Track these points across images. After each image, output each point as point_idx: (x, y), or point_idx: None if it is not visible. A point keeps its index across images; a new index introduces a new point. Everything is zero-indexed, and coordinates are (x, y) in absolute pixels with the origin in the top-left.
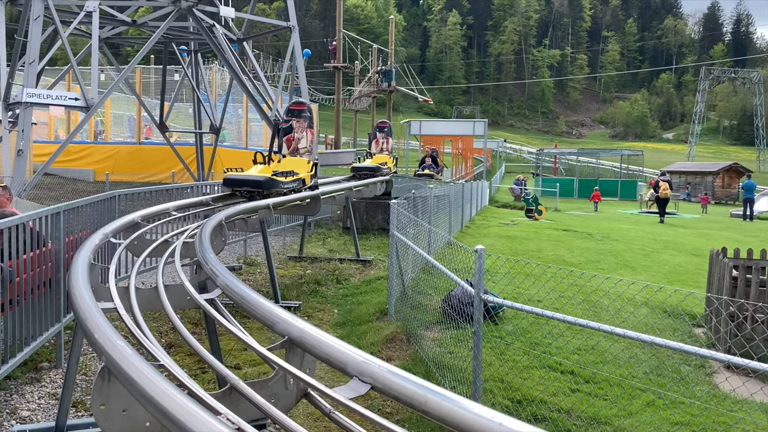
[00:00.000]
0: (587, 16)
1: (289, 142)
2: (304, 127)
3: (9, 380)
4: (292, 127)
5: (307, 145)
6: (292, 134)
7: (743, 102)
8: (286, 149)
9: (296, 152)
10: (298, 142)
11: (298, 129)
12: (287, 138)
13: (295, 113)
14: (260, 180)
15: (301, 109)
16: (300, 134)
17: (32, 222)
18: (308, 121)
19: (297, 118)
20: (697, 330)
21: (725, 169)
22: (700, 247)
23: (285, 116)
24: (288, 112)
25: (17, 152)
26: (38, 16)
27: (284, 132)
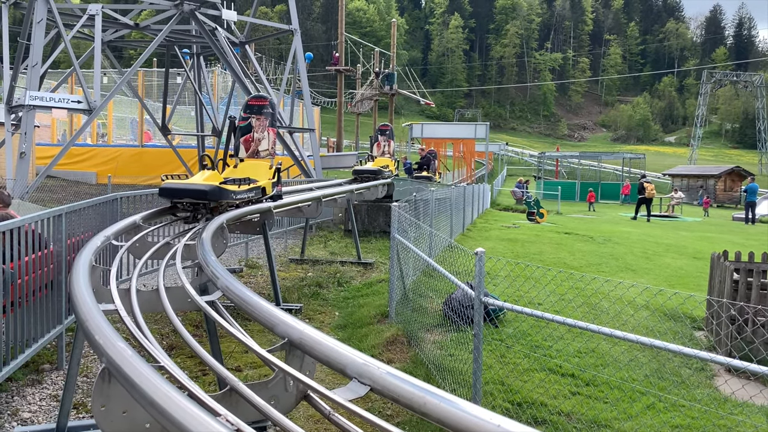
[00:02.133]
0: (589, 19)
1: (248, 143)
2: (265, 126)
3: (10, 382)
4: (250, 125)
5: (268, 147)
6: (251, 134)
7: (745, 105)
8: (244, 152)
9: (256, 155)
10: (258, 143)
11: (258, 128)
12: (245, 138)
13: (254, 109)
14: (204, 190)
15: (262, 105)
16: (260, 134)
17: (34, 224)
18: (270, 118)
19: (256, 115)
20: (698, 333)
21: (727, 173)
22: (702, 251)
23: (242, 113)
24: (246, 107)
25: (20, 155)
26: (41, 20)
27: (242, 131)
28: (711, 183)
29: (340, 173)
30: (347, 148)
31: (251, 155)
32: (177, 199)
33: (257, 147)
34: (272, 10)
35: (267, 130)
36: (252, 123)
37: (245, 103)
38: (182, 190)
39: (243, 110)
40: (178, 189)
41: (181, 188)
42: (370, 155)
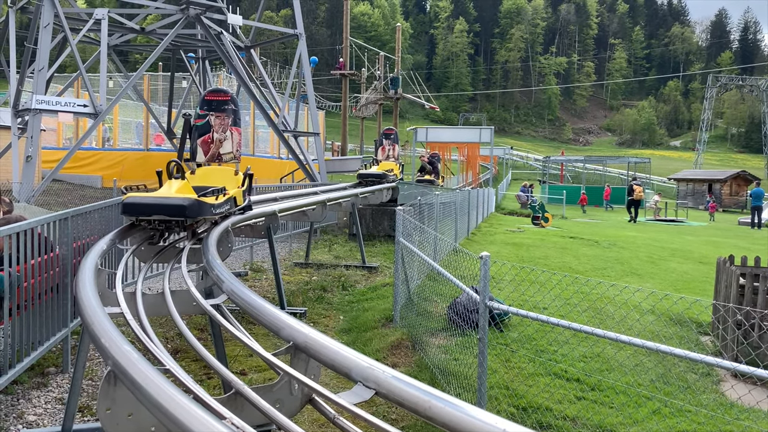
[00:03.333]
0: (594, 23)
1: (206, 145)
2: (227, 126)
3: (16, 385)
4: (209, 124)
5: (232, 149)
6: (210, 134)
7: (751, 109)
8: (203, 155)
9: (217, 160)
10: (219, 145)
11: (218, 127)
12: (203, 140)
13: (212, 106)
14: (181, 204)
15: (222, 101)
16: (221, 134)
17: (40, 227)
18: (233, 116)
19: (216, 113)
20: (704, 338)
21: (733, 177)
22: (708, 255)
23: (199, 109)
24: (203, 103)
25: (26, 158)
26: (48, 24)
27: (199, 131)
28: (717, 187)
29: (344, 177)
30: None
31: (212, 159)
32: (145, 216)
33: (218, 150)
34: (277, 15)
35: (230, 129)
36: (211, 122)
37: (201, 98)
38: (153, 205)
39: (199, 106)
40: (148, 204)
41: (152, 203)
42: (374, 159)
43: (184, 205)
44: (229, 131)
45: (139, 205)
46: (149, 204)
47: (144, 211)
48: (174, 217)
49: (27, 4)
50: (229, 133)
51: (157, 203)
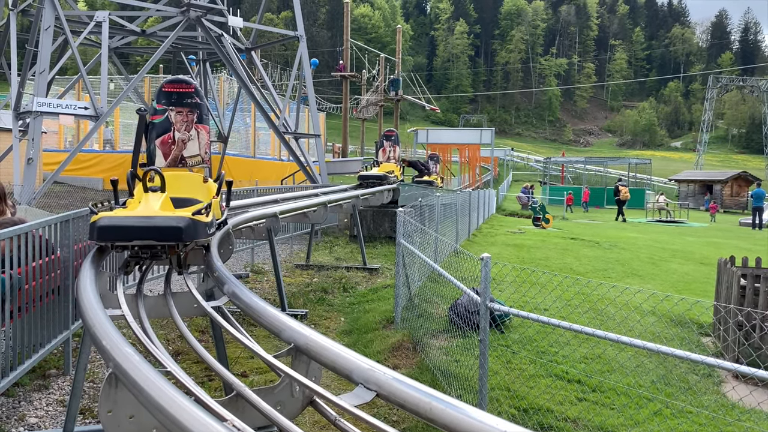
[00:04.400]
0: (594, 24)
1: (166, 147)
2: (190, 122)
3: (17, 387)
4: (169, 121)
5: (199, 151)
6: (170, 134)
7: (752, 110)
8: (162, 159)
9: (180, 164)
10: (183, 146)
11: (181, 125)
12: (162, 141)
13: (172, 99)
14: (177, 226)
15: (184, 93)
16: (184, 134)
17: (41, 230)
18: (198, 112)
19: (176, 108)
20: (705, 339)
21: (734, 178)
22: (709, 256)
23: (156, 103)
24: (161, 96)
25: (27, 161)
26: (49, 27)
27: (157, 131)
28: (717, 188)
29: (345, 179)
30: (352, 153)
31: (174, 164)
32: (126, 241)
33: (181, 152)
34: (278, 17)
35: (195, 128)
36: (171, 118)
37: (159, 89)
38: (139, 228)
39: (156, 100)
40: (132, 227)
41: (137, 225)
42: (375, 161)
43: (179, 226)
44: (194, 129)
45: (120, 228)
46: (133, 227)
47: (126, 236)
48: (166, 241)
49: (28, 7)
50: (194, 131)
51: (143, 225)
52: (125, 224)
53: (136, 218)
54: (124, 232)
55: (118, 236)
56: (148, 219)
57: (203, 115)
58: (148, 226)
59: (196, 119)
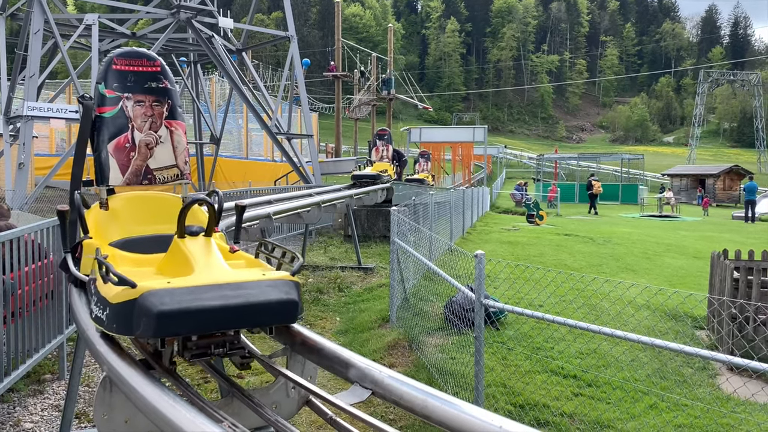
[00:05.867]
0: (585, 21)
1: (124, 154)
2: (158, 118)
3: (12, 392)
4: (124, 117)
5: (175, 161)
6: (127, 135)
7: (743, 104)
8: (119, 173)
9: (147, 180)
10: (148, 153)
11: (143, 121)
12: (116, 145)
13: (129, 81)
14: (291, 300)
15: (146, 72)
16: (149, 134)
17: (34, 234)
18: (169, 101)
19: (137, 95)
20: (699, 332)
21: (726, 172)
22: (702, 250)
23: (105, 88)
24: (110, 76)
25: (18, 165)
26: (38, 30)
27: (109, 130)
28: (710, 182)
29: (339, 179)
30: (346, 153)
31: (135, 180)
32: (209, 330)
33: (145, 162)
34: (269, 17)
35: (167, 126)
36: (127, 111)
37: (105, 65)
38: (231, 309)
39: (104, 82)
40: (219, 309)
41: (228, 305)
42: (368, 160)
43: (293, 300)
44: (164, 128)
45: (200, 313)
46: (222, 308)
47: (213, 322)
48: (276, 323)
49: (17, 11)
50: (165, 131)
51: (239, 304)
52: (206, 305)
53: (218, 290)
54: (207, 318)
55: (197, 325)
56: (240, 291)
57: (176, 105)
58: (248, 304)
59: (167, 113)
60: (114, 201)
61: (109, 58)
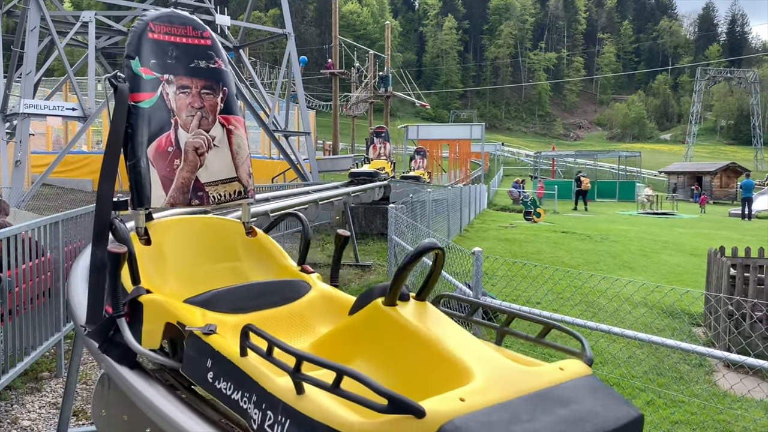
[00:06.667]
0: (582, 18)
1: (167, 162)
2: (210, 111)
3: (9, 390)
4: (166, 109)
5: (236, 172)
6: (170, 135)
7: (740, 102)
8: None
9: (196, 198)
10: (197, 161)
11: (189, 116)
12: (157, 148)
13: (170, 56)
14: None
15: (195, 46)
16: (198, 135)
17: (31, 232)
18: (222, 87)
19: (181, 77)
20: (696, 329)
21: (723, 169)
22: (699, 247)
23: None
24: (145, 48)
25: (15, 163)
26: (34, 27)
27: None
28: (707, 179)
29: (336, 176)
30: (343, 151)
31: (180, 199)
32: None
33: (193, 172)
34: (266, 14)
35: (221, 122)
36: (168, 101)
37: (137, 33)
38: None
39: (137, 56)
40: None
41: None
42: (366, 158)
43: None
44: (218, 125)
45: None
46: None
47: None
48: None
49: (13, 8)
50: (219, 129)
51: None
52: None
53: (540, 409)
54: None
55: None
56: (573, 409)
57: (233, 95)
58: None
59: (222, 105)
60: (156, 232)
61: (142, 23)
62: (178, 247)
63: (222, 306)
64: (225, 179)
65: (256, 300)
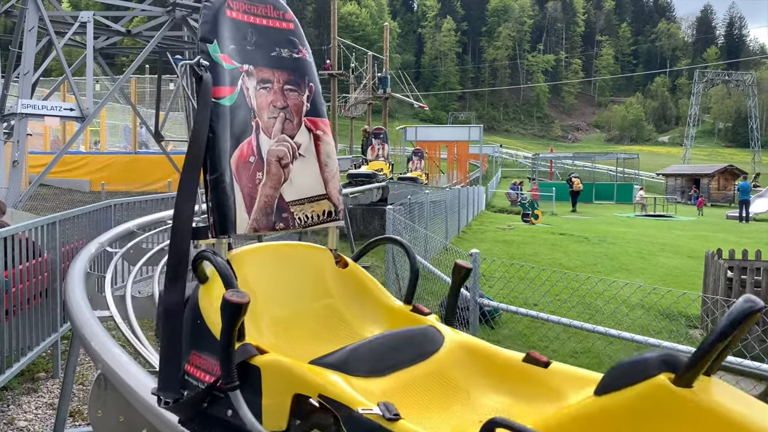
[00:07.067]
0: (581, 20)
1: (248, 172)
2: (295, 112)
3: (6, 391)
4: (247, 108)
5: (325, 188)
6: (252, 138)
7: (737, 104)
8: (243, 209)
9: (281, 219)
10: (281, 170)
11: (271, 117)
12: (239, 158)
13: (254, 43)
14: None
15: (280, 31)
16: (282, 143)
17: (28, 232)
18: (308, 83)
19: (265, 71)
20: (693, 331)
21: (720, 172)
22: (696, 249)
23: (220, 52)
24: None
25: (12, 163)
26: (32, 27)
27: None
28: (705, 182)
29: None
30: (341, 152)
31: (264, 220)
32: None
33: (276, 188)
34: None
35: (307, 125)
36: (248, 98)
37: (213, 8)
38: None
39: (215, 39)
40: None
41: None
42: (364, 159)
43: None
44: (303, 129)
45: None
46: None
47: None
48: None
49: (11, 8)
50: (306, 136)
51: None
52: None
53: None
54: None
55: None
56: None
57: (319, 93)
58: None
59: (309, 105)
60: (238, 264)
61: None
62: (266, 283)
63: (360, 368)
64: (312, 197)
65: (391, 357)
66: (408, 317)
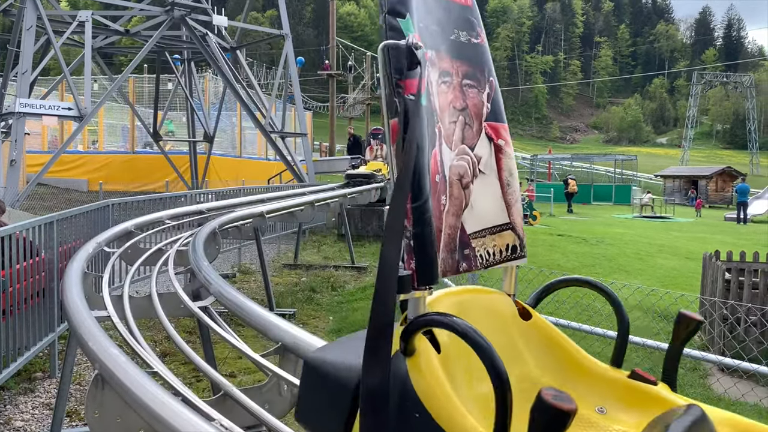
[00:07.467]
0: (580, 22)
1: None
2: (476, 115)
3: (3, 390)
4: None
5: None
6: (437, 149)
7: (735, 106)
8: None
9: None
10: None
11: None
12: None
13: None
14: None
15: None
16: (462, 155)
17: (25, 232)
18: (488, 77)
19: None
20: None
21: (718, 173)
22: (694, 251)
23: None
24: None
25: (10, 162)
26: (31, 27)
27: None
28: (702, 183)
29: (332, 178)
30: (340, 152)
31: (449, 261)
32: None
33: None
34: (263, 15)
35: (488, 133)
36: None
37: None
38: None
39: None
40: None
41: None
42: (362, 159)
43: None
44: (484, 138)
45: None
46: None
47: None
48: None
49: (9, 7)
50: (487, 146)
51: None
52: None
53: None
54: None
55: None
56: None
57: (498, 89)
58: None
59: (489, 106)
60: None
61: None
62: (456, 346)
63: None
64: (494, 227)
65: None
66: (632, 389)
